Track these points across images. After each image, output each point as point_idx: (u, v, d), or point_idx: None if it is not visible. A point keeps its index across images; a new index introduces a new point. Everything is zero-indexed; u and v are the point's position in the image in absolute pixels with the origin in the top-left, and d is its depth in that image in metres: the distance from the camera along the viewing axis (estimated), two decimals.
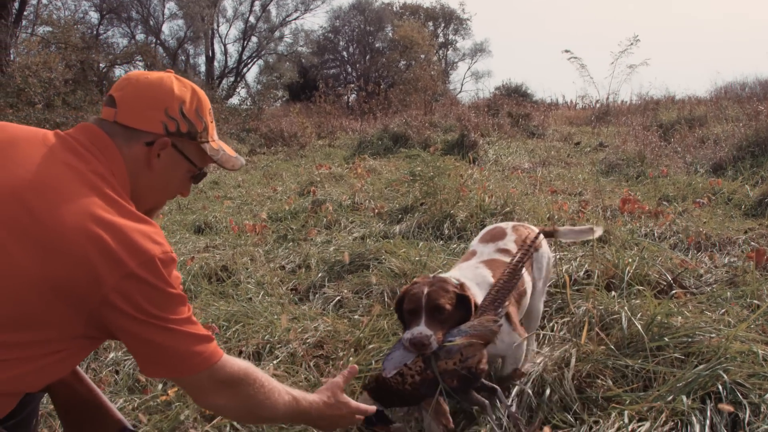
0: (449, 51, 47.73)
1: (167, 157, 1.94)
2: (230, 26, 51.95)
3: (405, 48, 37.55)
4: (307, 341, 3.51)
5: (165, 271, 1.69)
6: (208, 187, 10.79)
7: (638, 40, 17.49)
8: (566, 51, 18.83)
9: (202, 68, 40.55)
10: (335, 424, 2.28)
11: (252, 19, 40.73)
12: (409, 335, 2.50)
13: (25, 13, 25.01)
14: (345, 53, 43.74)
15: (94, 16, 35.49)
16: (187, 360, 1.78)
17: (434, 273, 4.30)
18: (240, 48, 40.89)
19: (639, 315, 3.09)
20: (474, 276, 2.95)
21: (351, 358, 3.25)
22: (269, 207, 8.42)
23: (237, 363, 1.93)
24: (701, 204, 6.63)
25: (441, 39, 46.33)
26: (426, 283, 2.66)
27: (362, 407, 2.32)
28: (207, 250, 6.05)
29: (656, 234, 5.39)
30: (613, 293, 3.65)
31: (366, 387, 2.53)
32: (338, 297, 4.31)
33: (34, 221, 1.59)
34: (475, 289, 2.81)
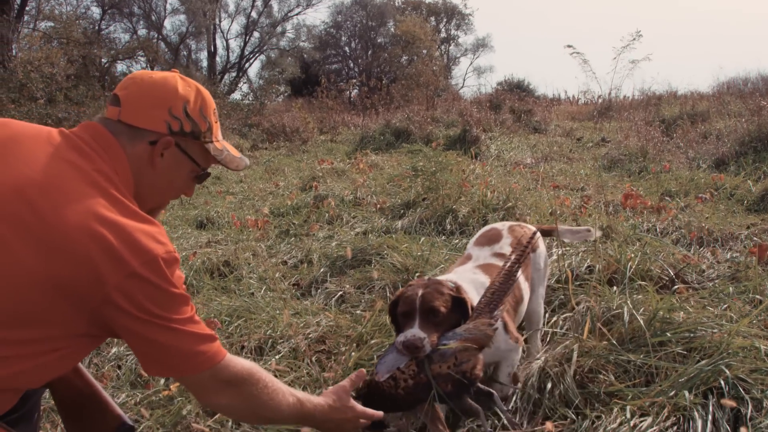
0: (451, 46, 47.76)
1: (171, 157, 1.93)
2: (232, 21, 51.94)
3: (407, 43, 37.49)
4: (309, 336, 3.51)
5: (168, 271, 1.69)
6: (210, 183, 10.77)
7: (641, 35, 17.51)
8: (569, 46, 18.87)
9: (204, 63, 40.59)
10: (340, 428, 2.26)
11: (254, 14, 40.76)
12: (402, 338, 2.46)
13: (27, 9, 24.98)
14: (347, 48, 43.77)
15: (96, 12, 35.46)
16: (190, 359, 1.78)
17: (437, 268, 4.32)
18: (242, 43, 40.93)
19: (641, 310, 3.09)
20: (471, 280, 2.92)
21: (353, 353, 3.25)
22: (271, 202, 8.42)
23: (241, 363, 1.93)
24: (703, 199, 6.62)
25: (443, 34, 46.29)
26: (420, 285, 2.63)
27: (368, 412, 2.30)
28: (209, 246, 6.04)
29: (658, 229, 5.38)
30: (615, 288, 3.65)
31: (358, 392, 2.45)
32: (340, 292, 4.32)
33: (38, 219, 1.59)
34: (473, 293, 2.78)
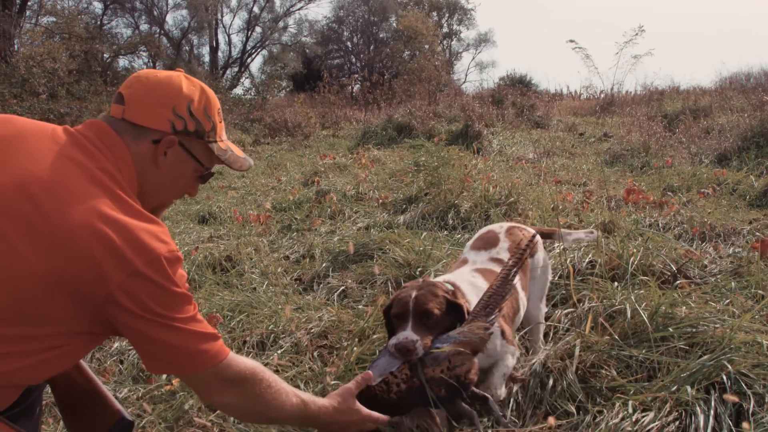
0: (453, 41, 47.68)
1: (174, 156, 1.94)
2: (234, 16, 52.01)
3: (409, 38, 37.46)
4: (311, 331, 3.51)
5: (170, 270, 1.69)
6: (213, 178, 10.74)
7: (643, 30, 17.50)
8: (571, 41, 18.81)
9: (206, 59, 40.66)
10: (345, 431, 2.26)
11: (256, 10, 40.78)
12: (395, 340, 2.43)
13: (29, 4, 25.04)
14: (349, 43, 43.75)
15: (98, 7, 35.57)
16: (193, 357, 1.78)
17: (439, 263, 4.32)
18: (244, 38, 40.97)
19: (643, 305, 3.09)
20: (470, 282, 2.88)
21: (355, 348, 3.25)
22: (273, 197, 8.43)
23: (244, 362, 1.93)
24: (706, 194, 6.62)
25: (445, 29, 46.25)
26: (415, 287, 2.59)
27: (374, 415, 2.29)
28: (211, 240, 6.05)
29: (661, 224, 5.37)
30: (616, 284, 3.64)
31: None
32: (342, 287, 4.32)
33: (41, 217, 1.59)
34: (472, 296, 2.74)
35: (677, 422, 2.39)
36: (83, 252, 1.59)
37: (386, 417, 2.32)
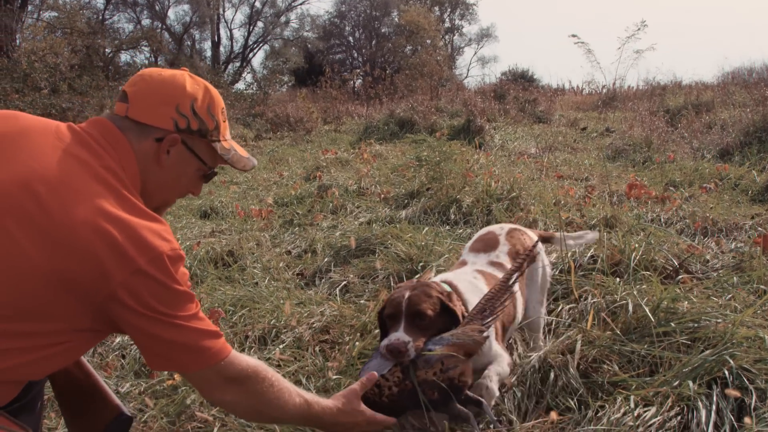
0: (455, 36, 47.62)
1: (177, 155, 1.94)
2: (236, 11, 51.60)
3: (411, 33, 37.42)
4: (313, 326, 3.52)
5: (173, 269, 1.70)
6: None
7: (646, 25, 17.47)
8: (573, 36, 18.78)
9: (208, 53, 40.63)
10: None
11: (258, 4, 40.75)
12: (386, 341, 2.38)
13: None
14: (351, 38, 43.74)
15: (100, 1, 35.39)
16: (194, 355, 1.78)
17: (441, 258, 4.31)
18: (246, 33, 40.93)
19: (645, 300, 3.08)
20: (470, 283, 2.83)
21: (357, 343, 3.26)
22: (275, 192, 8.43)
23: (246, 360, 1.94)
24: (708, 189, 6.61)
25: (447, 24, 46.20)
26: (408, 287, 2.54)
27: (379, 417, 2.26)
28: (213, 235, 6.05)
29: (663, 219, 5.37)
30: (618, 280, 3.64)
31: None
32: (344, 282, 4.32)
33: (44, 214, 1.59)
34: (471, 297, 2.70)
35: (679, 417, 2.39)
36: (86, 250, 1.59)
37: (392, 419, 2.29)
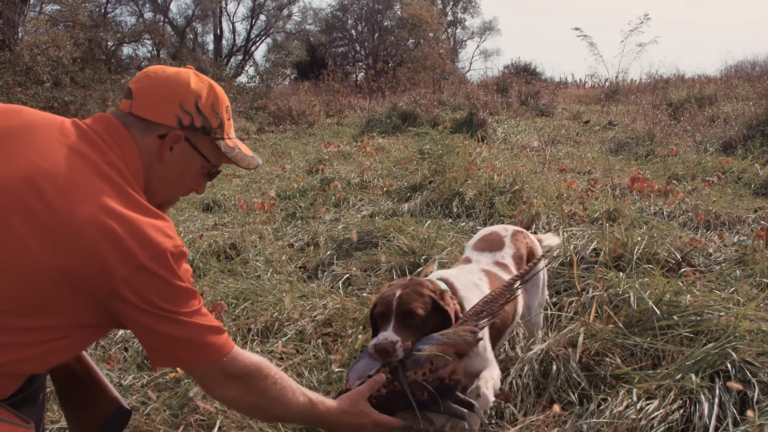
0: (458, 29, 47.45)
1: (180, 152, 1.94)
2: (238, 4, 51.94)
3: (413, 26, 37.29)
4: (316, 319, 3.52)
5: (175, 265, 1.70)
6: None
7: (649, 19, 17.41)
8: (576, 29, 18.75)
9: (210, 47, 40.58)
10: None
11: None
12: (374, 341, 2.33)
13: None
14: (353, 31, 43.59)
15: None
16: (197, 351, 1.79)
17: (443, 251, 4.31)
18: (248, 26, 40.82)
19: (647, 293, 3.08)
20: (473, 283, 2.76)
21: (360, 336, 3.26)
22: (278, 185, 8.43)
23: (249, 357, 1.93)
24: (711, 183, 6.60)
25: (450, 17, 46.04)
26: (400, 285, 2.49)
27: (385, 419, 2.23)
28: (216, 228, 6.06)
29: (665, 212, 5.37)
30: (621, 273, 3.64)
31: None
32: (347, 275, 4.32)
33: (48, 210, 1.59)
34: (472, 297, 2.64)
35: (681, 410, 2.40)
36: (89, 246, 1.59)
37: (399, 421, 2.27)
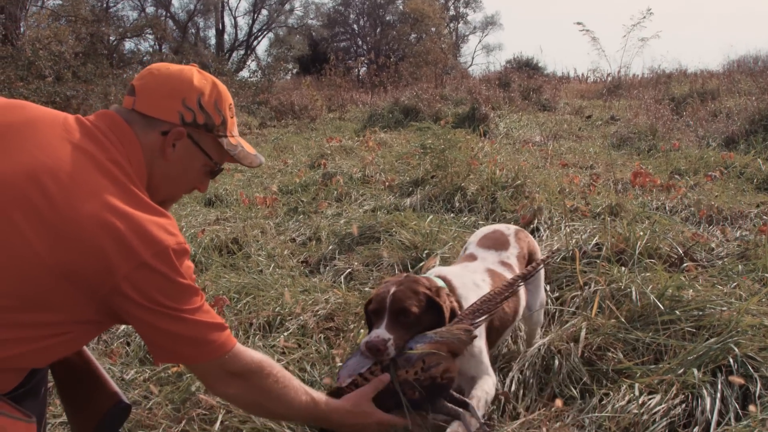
0: (460, 24, 47.38)
1: (183, 149, 1.94)
2: None
3: (415, 21, 37.22)
4: (318, 313, 3.52)
5: (178, 262, 1.70)
6: None
7: (651, 13, 17.36)
8: (578, 23, 18.71)
9: (212, 41, 40.48)
10: None
11: None
12: (366, 338, 2.32)
13: None
14: (355, 26, 43.55)
15: None
16: (199, 347, 1.79)
17: (445, 246, 4.31)
18: (250, 21, 40.73)
19: (650, 288, 3.08)
20: (475, 283, 2.75)
21: (362, 330, 3.26)
22: (280, 180, 8.42)
23: (251, 355, 1.94)
24: (713, 177, 6.60)
25: (452, 12, 45.94)
26: (395, 282, 2.47)
27: (388, 418, 2.23)
28: (218, 223, 6.06)
29: (668, 207, 5.37)
30: (623, 268, 3.64)
31: None
32: (349, 269, 4.32)
33: (50, 206, 1.59)
34: (469, 294, 2.64)
35: (684, 405, 2.40)
36: (91, 243, 1.59)
37: (403, 420, 2.25)
